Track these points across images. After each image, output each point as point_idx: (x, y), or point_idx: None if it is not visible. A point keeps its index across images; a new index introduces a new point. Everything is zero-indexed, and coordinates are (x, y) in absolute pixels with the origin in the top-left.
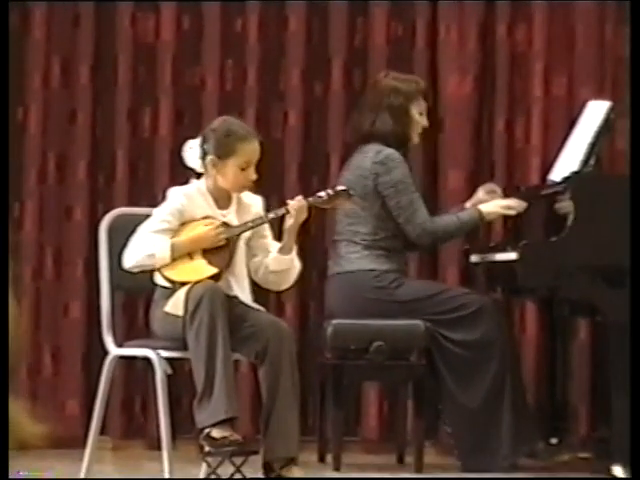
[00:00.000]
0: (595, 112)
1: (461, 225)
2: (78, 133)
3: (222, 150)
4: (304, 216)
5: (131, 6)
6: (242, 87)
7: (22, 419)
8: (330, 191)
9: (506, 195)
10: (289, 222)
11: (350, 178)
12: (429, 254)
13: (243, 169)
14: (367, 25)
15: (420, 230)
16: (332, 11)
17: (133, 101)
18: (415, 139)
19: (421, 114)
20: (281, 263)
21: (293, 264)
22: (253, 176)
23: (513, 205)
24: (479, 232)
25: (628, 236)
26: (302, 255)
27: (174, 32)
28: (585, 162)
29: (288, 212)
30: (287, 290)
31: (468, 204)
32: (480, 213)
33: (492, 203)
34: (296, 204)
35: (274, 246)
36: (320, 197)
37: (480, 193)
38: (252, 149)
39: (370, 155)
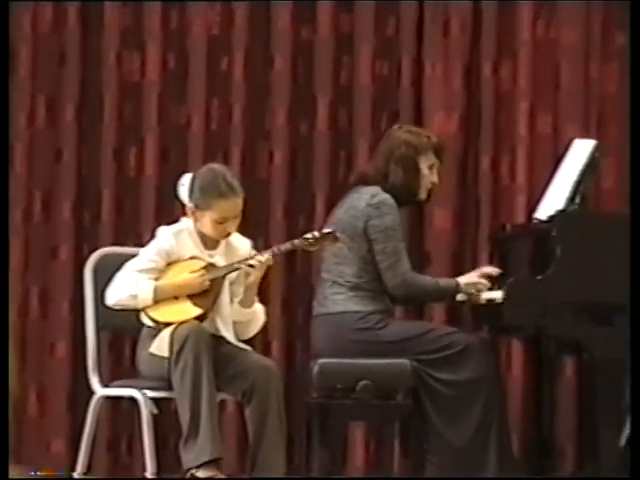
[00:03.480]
0: (580, 150)
1: (438, 289)
2: (63, 172)
3: (200, 202)
4: (263, 272)
5: (116, 45)
6: (228, 126)
7: None
8: (317, 233)
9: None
10: (251, 277)
11: (342, 217)
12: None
13: (220, 223)
14: (352, 63)
15: (400, 280)
16: (317, 50)
17: (119, 140)
18: (422, 194)
19: (431, 169)
20: (241, 315)
21: (255, 317)
22: (231, 229)
23: (489, 270)
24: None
25: (614, 274)
26: (288, 293)
27: (159, 71)
28: (571, 200)
29: (272, 256)
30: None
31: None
32: (458, 284)
33: (470, 274)
34: (268, 258)
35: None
36: (306, 239)
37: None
38: (230, 207)
39: (365, 197)
